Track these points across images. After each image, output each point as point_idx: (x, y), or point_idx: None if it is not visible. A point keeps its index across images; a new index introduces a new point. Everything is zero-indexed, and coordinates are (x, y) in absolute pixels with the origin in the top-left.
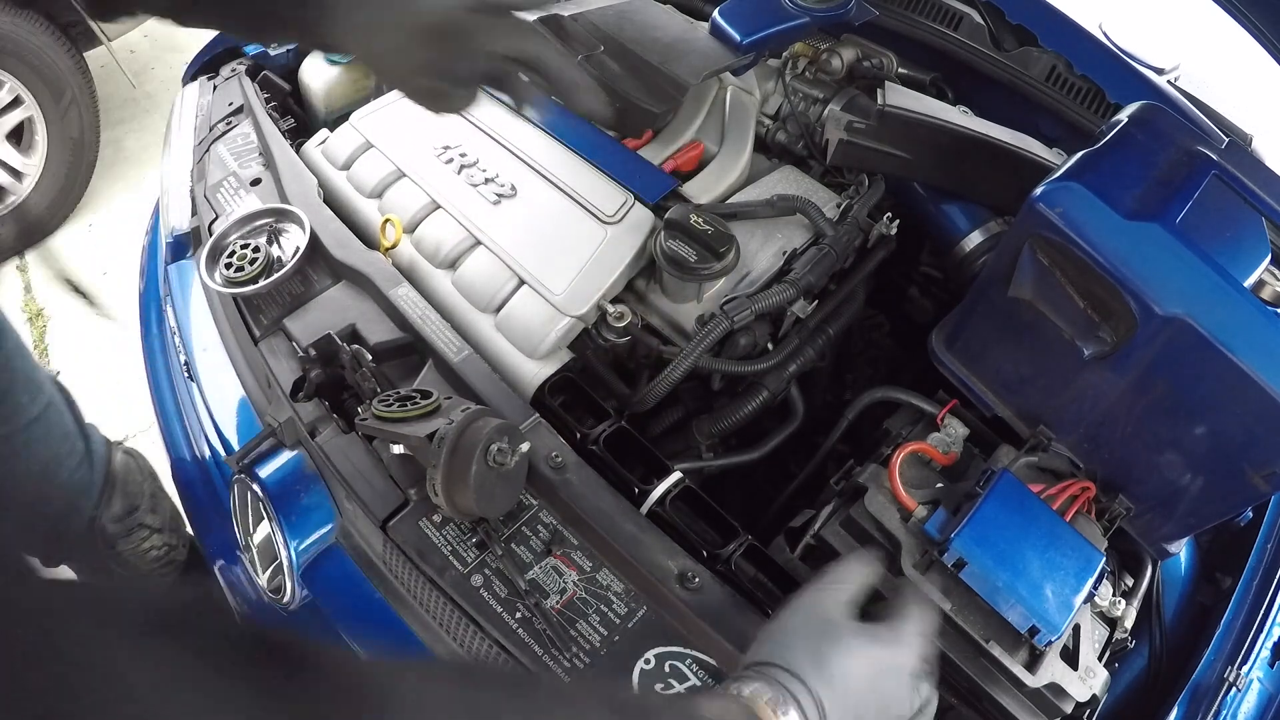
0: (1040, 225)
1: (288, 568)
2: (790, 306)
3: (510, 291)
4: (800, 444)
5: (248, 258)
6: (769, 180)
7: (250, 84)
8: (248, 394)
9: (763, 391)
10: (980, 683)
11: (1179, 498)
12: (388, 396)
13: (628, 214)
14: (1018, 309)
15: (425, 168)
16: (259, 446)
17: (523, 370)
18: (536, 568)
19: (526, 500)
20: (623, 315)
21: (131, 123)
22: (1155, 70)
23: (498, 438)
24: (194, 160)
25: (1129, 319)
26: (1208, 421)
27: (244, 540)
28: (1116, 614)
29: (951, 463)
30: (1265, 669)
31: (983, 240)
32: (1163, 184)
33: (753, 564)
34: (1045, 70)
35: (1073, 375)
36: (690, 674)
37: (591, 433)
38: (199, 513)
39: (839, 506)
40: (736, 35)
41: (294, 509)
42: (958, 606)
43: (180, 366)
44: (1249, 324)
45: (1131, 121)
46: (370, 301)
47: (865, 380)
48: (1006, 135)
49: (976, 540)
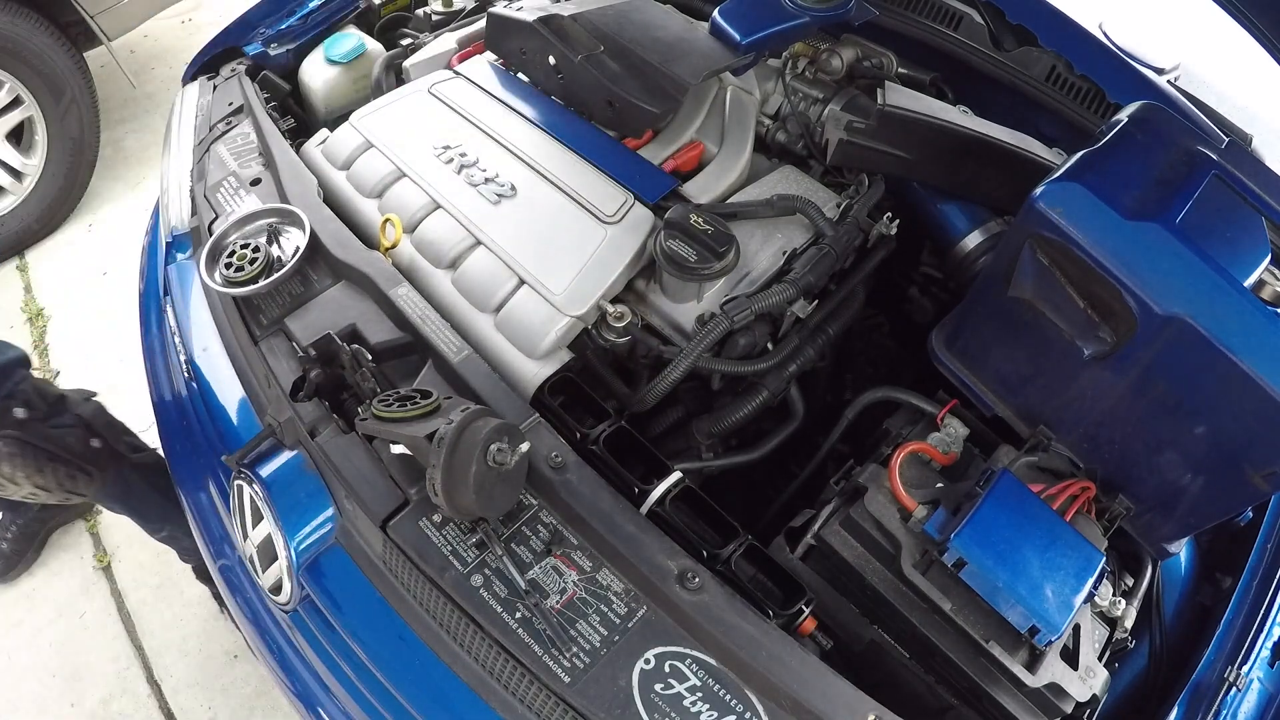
0: (1040, 225)
1: (288, 567)
2: (790, 306)
3: (510, 291)
4: (800, 444)
5: (248, 258)
6: (769, 180)
7: (250, 84)
8: (248, 394)
9: (763, 391)
10: (980, 682)
11: (1179, 497)
12: (388, 396)
13: (628, 214)
14: (1018, 309)
15: (425, 167)
16: (259, 446)
17: (522, 370)
18: (536, 568)
19: (526, 500)
20: (623, 315)
21: (131, 123)
22: (1155, 70)
23: (497, 438)
24: (194, 160)
25: (1129, 319)
26: (1208, 421)
27: (244, 540)
28: (1116, 614)
29: (951, 462)
30: (1265, 669)
31: (983, 240)
32: (1163, 184)
33: (753, 564)
34: (1045, 70)
35: (1073, 375)
36: (690, 674)
37: (591, 433)
38: (199, 512)
39: (839, 506)
40: (736, 35)
41: (294, 508)
42: (958, 606)
43: (180, 366)
44: (1249, 324)
45: (1131, 121)
46: (370, 301)
47: (865, 380)
48: (1006, 135)
49: (976, 540)
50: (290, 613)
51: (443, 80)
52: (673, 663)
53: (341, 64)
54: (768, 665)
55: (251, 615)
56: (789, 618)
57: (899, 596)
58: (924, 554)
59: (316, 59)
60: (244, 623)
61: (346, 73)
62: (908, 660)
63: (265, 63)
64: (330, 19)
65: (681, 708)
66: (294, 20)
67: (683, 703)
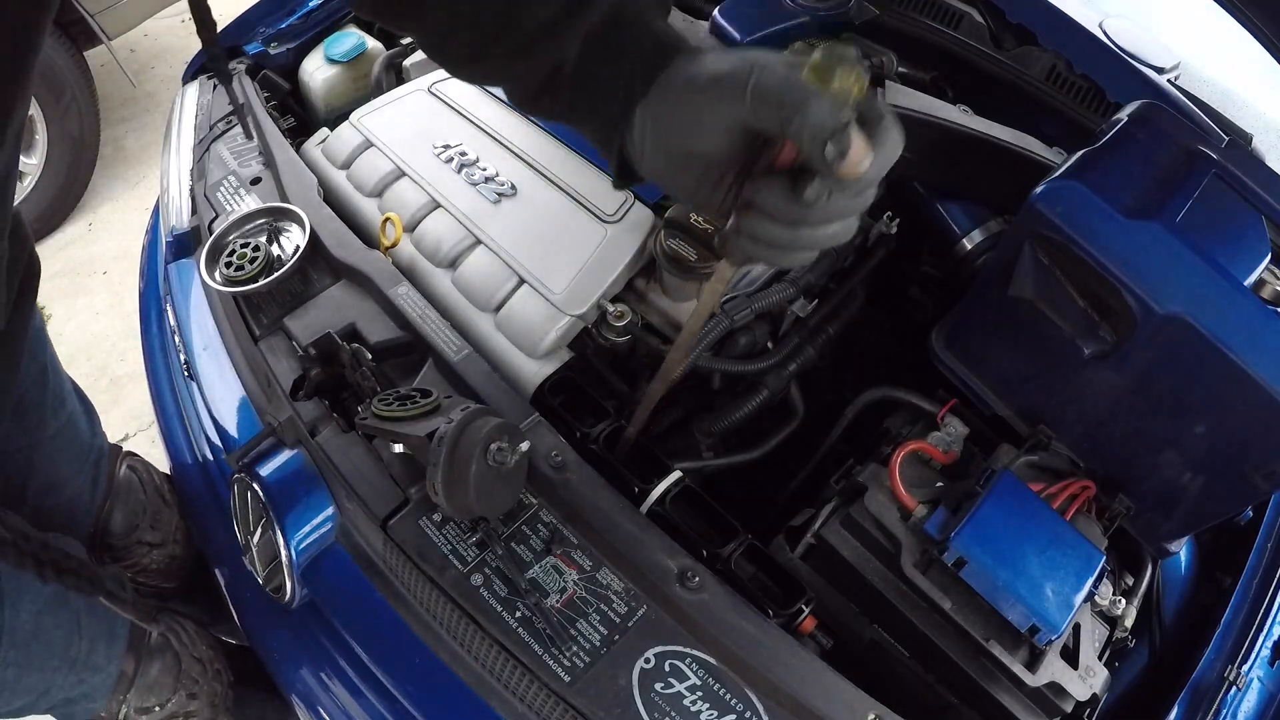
0: (1040, 224)
1: (288, 567)
2: (790, 305)
3: (510, 290)
4: (800, 443)
5: (248, 257)
6: None
7: (250, 83)
8: (248, 393)
9: (763, 390)
10: (980, 682)
11: (1179, 497)
12: (387, 395)
13: (628, 213)
14: (1018, 308)
15: (425, 166)
16: (259, 445)
17: (523, 369)
18: (536, 567)
19: (526, 499)
20: (623, 314)
21: (131, 122)
22: (1155, 69)
23: (498, 437)
24: (194, 159)
25: (1129, 318)
26: (1208, 420)
27: (244, 539)
28: (1117, 613)
29: (951, 462)
30: (1265, 668)
31: (983, 239)
32: (1163, 183)
33: (753, 563)
34: (1045, 69)
35: (1073, 374)
36: (690, 673)
37: (591, 432)
38: (199, 512)
39: (839, 505)
40: (736, 34)
41: (294, 508)
42: (958, 605)
43: (180, 366)
44: (1249, 323)
45: (1131, 120)
46: (370, 300)
47: (865, 380)
48: (1006, 134)
49: (976, 539)
50: (290, 612)
51: (443, 79)
52: (673, 662)
53: (342, 63)
54: (768, 664)
55: (251, 615)
56: (789, 616)
57: (899, 596)
58: (924, 553)
59: (317, 58)
60: (244, 622)
61: (347, 72)
62: (908, 659)
63: (265, 62)
64: (331, 18)
65: (681, 706)
66: (294, 19)
67: (683, 701)
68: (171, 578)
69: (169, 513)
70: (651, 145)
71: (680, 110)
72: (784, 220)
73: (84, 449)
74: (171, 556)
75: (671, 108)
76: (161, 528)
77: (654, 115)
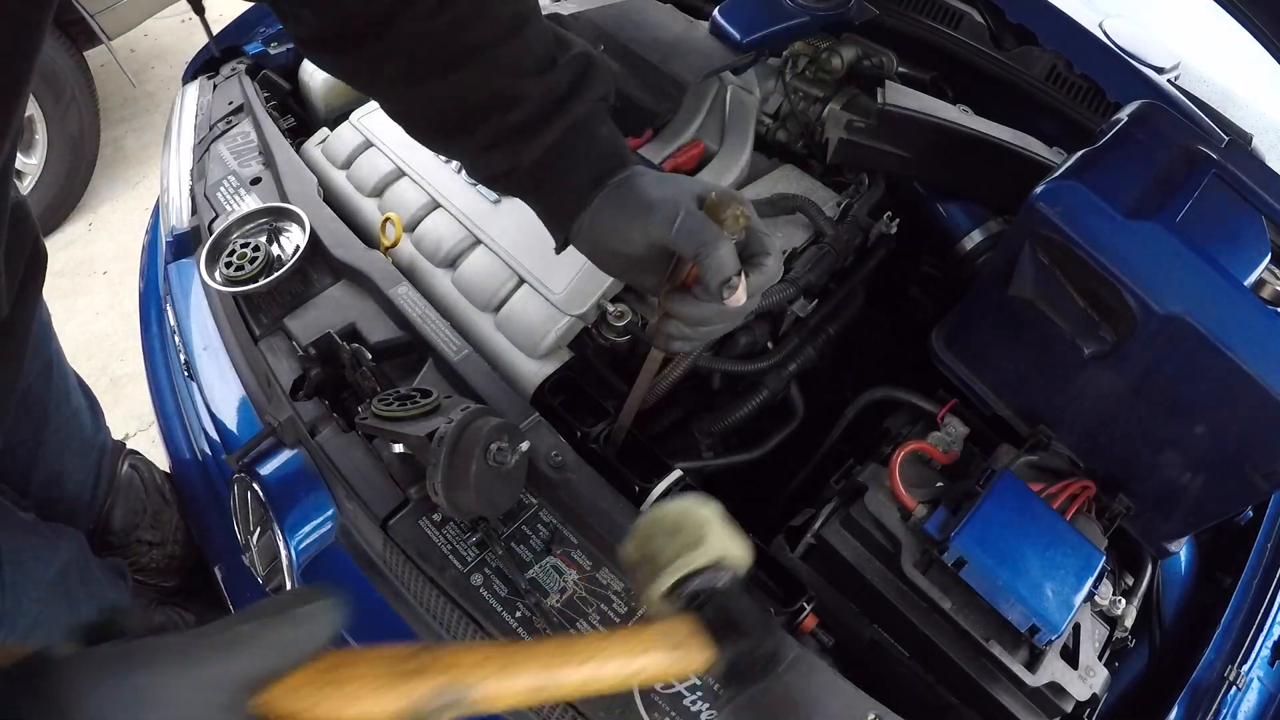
0: (1040, 224)
1: (287, 567)
2: (790, 305)
3: (510, 290)
4: (800, 443)
5: (248, 257)
6: (769, 179)
7: (250, 83)
8: (248, 393)
9: (763, 390)
10: (980, 682)
11: (1179, 497)
12: (387, 395)
13: None
14: (1018, 308)
15: (425, 166)
16: (259, 445)
17: (523, 369)
18: (536, 567)
19: (526, 499)
20: (623, 314)
21: (131, 122)
22: (1155, 69)
23: (497, 436)
24: (194, 159)
25: (1129, 318)
26: (1208, 420)
27: (244, 539)
28: (1117, 613)
29: (951, 462)
30: (1265, 668)
31: (983, 239)
32: (1162, 183)
33: (753, 563)
34: (1045, 69)
35: (1073, 374)
36: None
37: (592, 431)
38: (199, 512)
39: (839, 505)
40: (736, 34)
41: (294, 508)
42: (958, 605)
43: (180, 366)
44: (1249, 323)
45: (1131, 120)
46: (370, 300)
47: (865, 380)
48: (1006, 134)
49: (976, 539)
50: None
51: None
52: None
53: None
54: None
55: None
56: (789, 615)
57: (899, 595)
58: (924, 553)
59: None
60: None
61: None
62: (908, 659)
63: (265, 62)
64: None
65: (681, 706)
66: None
67: (683, 701)
68: (170, 576)
69: (169, 512)
70: (587, 238)
71: (617, 223)
72: (695, 321)
73: (87, 444)
74: (170, 556)
75: (611, 219)
76: (161, 527)
77: (594, 220)
